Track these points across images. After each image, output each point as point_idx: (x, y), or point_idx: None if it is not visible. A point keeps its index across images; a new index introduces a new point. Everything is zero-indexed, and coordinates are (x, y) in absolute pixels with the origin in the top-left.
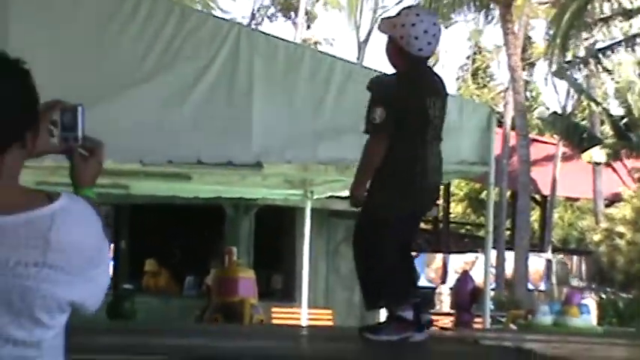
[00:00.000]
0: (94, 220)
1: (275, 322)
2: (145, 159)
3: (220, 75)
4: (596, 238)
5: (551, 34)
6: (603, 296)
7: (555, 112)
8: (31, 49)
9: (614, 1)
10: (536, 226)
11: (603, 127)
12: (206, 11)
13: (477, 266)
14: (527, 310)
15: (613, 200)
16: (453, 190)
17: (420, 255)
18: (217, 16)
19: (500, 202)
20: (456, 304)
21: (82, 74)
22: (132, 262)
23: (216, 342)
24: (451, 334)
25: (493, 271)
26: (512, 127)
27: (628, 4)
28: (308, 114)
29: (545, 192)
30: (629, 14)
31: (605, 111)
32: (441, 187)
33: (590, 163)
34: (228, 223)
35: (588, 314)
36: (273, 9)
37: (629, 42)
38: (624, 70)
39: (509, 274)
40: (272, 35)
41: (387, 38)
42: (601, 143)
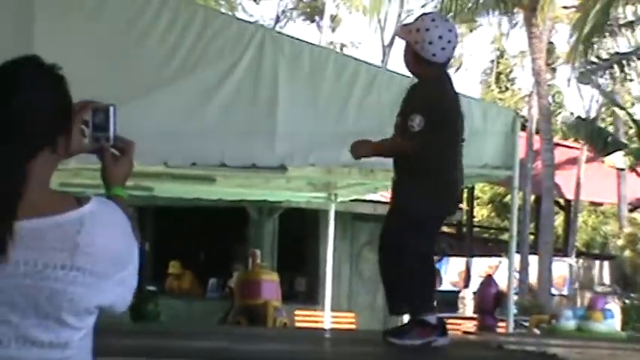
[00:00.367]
0: (123, 223)
1: (298, 325)
2: (170, 161)
3: (245, 78)
4: (620, 242)
5: (574, 38)
6: (627, 301)
7: (579, 117)
8: (55, 51)
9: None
10: (559, 230)
11: (629, 131)
12: (230, 14)
13: (500, 270)
14: (550, 314)
15: (637, 205)
16: (477, 194)
17: (443, 259)
18: (242, 19)
19: (523, 206)
20: (480, 308)
21: (107, 76)
22: (155, 264)
23: (239, 345)
24: (474, 338)
25: (517, 275)
26: (537, 131)
27: None
28: (332, 117)
29: (569, 196)
30: None
31: (629, 116)
32: (465, 191)
33: (613, 167)
34: (251, 226)
35: (612, 319)
36: (297, 12)
37: None
38: None
39: (532, 278)
40: (296, 38)
41: (405, 45)
42: (625, 148)
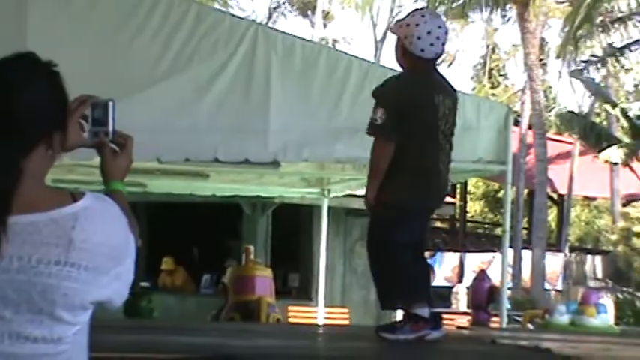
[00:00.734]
0: (119, 218)
1: (291, 320)
2: (163, 157)
3: (237, 73)
4: (613, 237)
5: (565, 31)
6: (620, 296)
7: (572, 112)
8: (49, 47)
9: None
10: (553, 225)
11: (621, 125)
12: (224, 10)
13: (493, 265)
14: (544, 309)
15: (630, 200)
16: (470, 189)
17: (436, 254)
18: (234, 15)
19: (516, 201)
20: (473, 303)
21: (100, 72)
22: (149, 260)
23: (232, 340)
24: (468, 332)
25: (510, 270)
26: (529, 126)
27: None
28: (325, 113)
29: (562, 191)
30: None
31: (622, 111)
32: (458, 186)
33: (607, 162)
34: (245, 222)
35: (605, 314)
36: (290, 7)
37: None
38: None
39: (526, 273)
40: (289, 34)
41: (396, 40)
42: (618, 143)
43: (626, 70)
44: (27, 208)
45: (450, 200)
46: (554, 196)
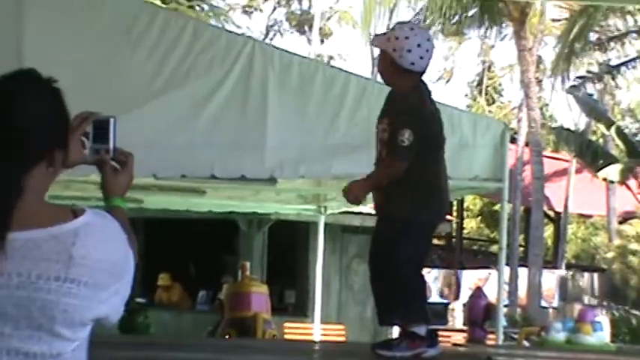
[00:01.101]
0: (119, 234)
1: (287, 337)
2: (159, 173)
3: (234, 90)
4: (610, 255)
5: (557, 50)
6: (616, 313)
7: (569, 129)
8: (45, 64)
9: (630, 19)
10: (549, 242)
11: (615, 144)
12: (220, 27)
13: (490, 282)
14: (540, 326)
15: (626, 217)
16: (467, 205)
17: (432, 271)
18: (231, 31)
19: (513, 218)
20: (469, 320)
21: (97, 89)
22: (145, 276)
23: (228, 357)
24: (464, 350)
25: (506, 287)
26: (526, 143)
27: None
28: (322, 129)
29: (559, 208)
30: None
31: (617, 129)
32: (455, 203)
33: (605, 180)
34: (241, 238)
35: (601, 331)
36: (287, 24)
37: None
38: (636, 88)
39: (522, 290)
40: (286, 50)
41: (380, 54)
42: (615, 161)
43: (621, 87)
44: (27, 224)
45: (447, 217)
46: (551, 213)
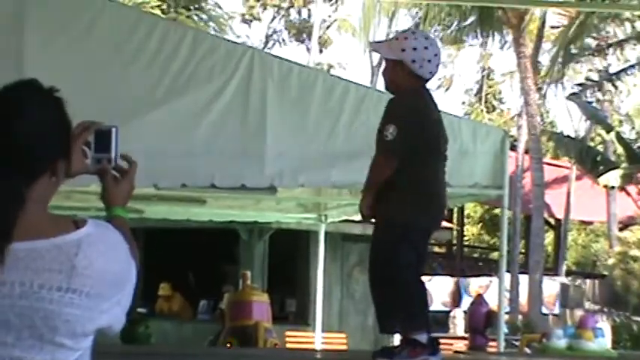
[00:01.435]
0: (121, 244)
1: (289, 346)
2: (159, 183)
3: (234, 99)
4: (610, 261)
5: (552, 56)
6: (617, 320)
7: (568, 136)
8: (45, 74)
9: (629, 25)
10: (549, 249)
11: (617, 149)
12: (219, 36)
13: (491, 290)
14: (541, 333)
15: (627, 224)
16: (467, 212)
17: (433, 278)
18: (230, 40)
19: (513, 225)
20: (471, 327)
21: (96, 98)
22: (146, 286)
23: None
24: (465, 357)
25: (507, 294)
26: (526, 150)
27: None
28: (321, 138)
29: (559, 215)
30: None
31: (617, 135)
32: (455, 210)
33: (605, 187)
34: (242, 247)
35: (603, 338)
36: (286, 33)
37: None
38: (635, 94)
39: (523, 297)
40: (285, 59)
41: (387, 63)
42: (615, 167)
43: (621, 91)
44: (30, 235)
45: (447, 225)
46: (551, 220)
